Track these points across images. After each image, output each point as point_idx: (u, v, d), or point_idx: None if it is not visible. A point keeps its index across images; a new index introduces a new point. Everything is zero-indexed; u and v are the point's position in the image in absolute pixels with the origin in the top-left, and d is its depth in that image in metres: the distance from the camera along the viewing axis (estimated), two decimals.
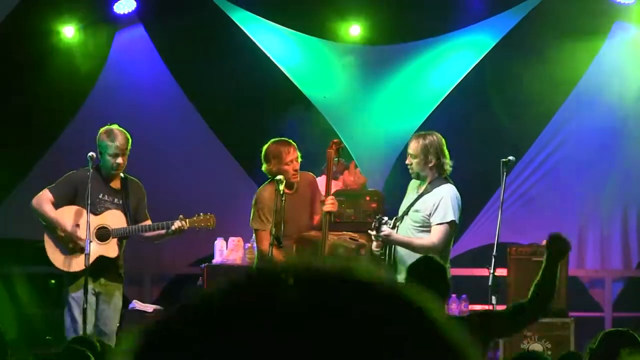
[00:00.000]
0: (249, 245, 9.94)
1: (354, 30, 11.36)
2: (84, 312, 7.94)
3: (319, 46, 11.32)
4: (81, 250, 8.01)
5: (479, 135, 11.17)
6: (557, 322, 9.11)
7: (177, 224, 8.15)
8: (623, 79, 11.10)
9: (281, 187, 8.05)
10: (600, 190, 11.23)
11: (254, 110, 11.29)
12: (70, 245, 8.08)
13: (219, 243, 10.15)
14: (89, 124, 11.40)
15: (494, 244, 7.75)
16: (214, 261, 10.11)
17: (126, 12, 11.35)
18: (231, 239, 10.15)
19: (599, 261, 11.32)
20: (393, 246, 8.03)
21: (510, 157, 7.86)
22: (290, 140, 8.41)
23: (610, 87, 11.12)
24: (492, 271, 7.58)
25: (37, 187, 11.41)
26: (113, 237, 8.12)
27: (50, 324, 10.47)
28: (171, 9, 11.44)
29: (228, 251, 10.14)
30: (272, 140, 8.44)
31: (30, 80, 11.13)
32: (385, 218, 7.97)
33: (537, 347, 9.10)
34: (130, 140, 8.19)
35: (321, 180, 9.33)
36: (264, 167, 8.40)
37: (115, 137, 8.10)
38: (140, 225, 8.19)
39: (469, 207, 10.87)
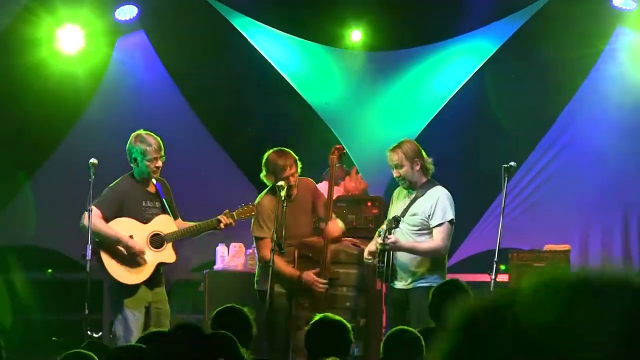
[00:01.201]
0: (251, 251, 9.95)
1: (355, 36, 11.37)
2: (117, 324, 7.98)
3: (320, 52, 11.33)
4: (143, 260, 7.98)
5: (480, 140, 11.18)
6: None
7: (225, 220, 8.13)
8: (624, 84, 11.11)
9: (282, 193, 8.05)
10: (601, 195, 11.23)
11: (254, 117, 11.30)
12: (133, 257, 7.99)
13: (221, 249, 10.15)
14: (90, 131, 11.44)
15: (495, 249, 7.76)
16: (216, 267, 10.12)
17: (128, 19, 11.36)
18: (232, 244, 10.16)
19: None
20: (392, 252, 8.04)
21: (512, 163, 7.87)
22: (291, 152, 8.36)
23: (611, 93, 11.13)
24: (493, 277, 7.59)
25: (39, 193, 11.48)
26: (168, 242, 8.09)
27: (53, 330, 10.48)
28: (173, 16, 11.46)
29: (229, 257, 10.15)
30: (273, 150, 8.38)
31: (31, 86, 11.14)
32: (401, 218, 7.99)
33: None
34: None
35: (323, 186, 9.33)
36: (262, 174, 8.40)
37: (150, 141, 8.05)
38: (191, 226, 8.14)
39: (471, 213, 10.89)
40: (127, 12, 11.33)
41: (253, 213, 8.17)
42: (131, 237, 8.00)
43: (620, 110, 11.11)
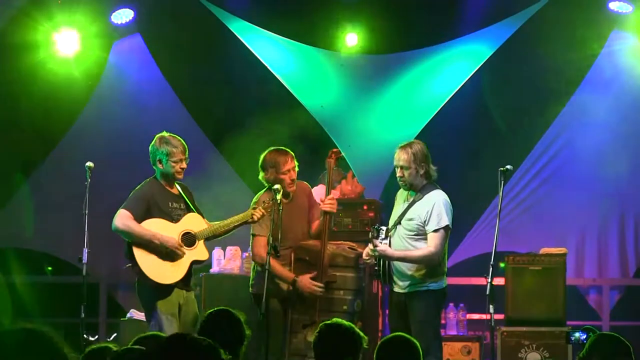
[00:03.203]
0: (247, 254, 9.94)
1: (351, 39, 11.37)
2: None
3: (316, 55, 11.33)
4: (180, 254, 7.95)
5: (477, 143, 11.19)
6: (555, 330, 9.11)
7: (257, 213, 8.10)
8: (620, 87, 11.12)
9: (278, 196, 8.04)
10: (598, 198, 11.24)
11: (251, 120, 11.30)
12: (168, 254, 7.95)
13: (217, 252, 10.15)
14: (86, 134, 11.43)
15: (491, 252, 7.76)
16: (212, 270, 10.12)
17: (124, 22, 11.36)
18: (229, 248, 10.16)
19: (596, 270, 11.33)
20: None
21: (508, 166, 7.86)
22: (288, 150, 8.42)
23: (607, 95, 11.14)
24: (489, 280, 7.59)
25: (35, 196, 11.47)
26: (199, 240, 8.07)
27: (59, 333, 10.46)
28: (169, 19, 11.45)
29: (226, 260, 10.15)
30: (270, 148, 8.45)
31: (28, 89, 11.13)
32: (384, 228, 7.99)
33: (534, 355, 9.10)
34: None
35: (319, 190, 9.34)
36: (260, 176, 8.41)
37: (176, 143, 8.05)
38: (221, 222, 8.13)
39: (467, 216, 10.89)
40: (123, 16, 11.33)
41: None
42: None
43: (616, 113, 11.11)
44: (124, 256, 8.02)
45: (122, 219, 7.92)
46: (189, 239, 8.04)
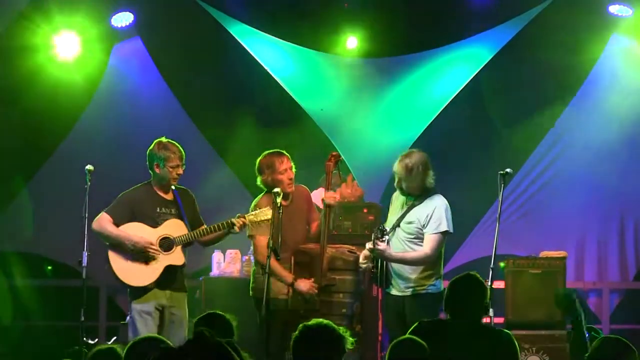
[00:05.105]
0: (247, 257, 9.95)
1: (351, 42, 11.37)
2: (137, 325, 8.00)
3: (316, 59, 11.33)
4: (151, 260, 8.02)
5: (477, 147, 11.19)
6: (555, 334, 9.12)
7: (238, 222, 8.11)
8: (619, 91, 11.12)
9: (278, 199, 8.05)
10: (597, 201, 11.24)
11: (251, 123, 11.31)
12: (141, 256, 8.03)
13: (217, 255, 10.15)
14: (86, 137, 11.43)
15: (491, 256, 7.76)
16: (212, 274, 10.12)
17: (124, 25, 11.36)
18: (229, 251, 10.16)
19: (596, 273, 11.33)
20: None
21: (508, 170, 7.87)
22: (284, 151, 8.46)
23: (606, 99, 11.14)
24: (489, 284, 7.59)
25: (35, 199, 11.47)
26: (177, 245, 8.11)
27: (60, 336, 10.47)
28: (169, 22, 11.46)
29: (225, 264, 10.15)
30: (265, 152, 8.49)
31: (27, 93, 11.13)
32: (387, 228, 8.01)
33: (534, 359, 9.09)
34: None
35: (319, 193, 9.34)
36: (258, 180, 8.42)
37: (173, 149, 8.13)
38: (201, 229, 8.17)
39: (467, 220, 10.88)
40: (123, 19, 11.32)
41: (267, 217, 8.13)
42: (142, 238, 8.04)
43: (616, 116, 11.11)
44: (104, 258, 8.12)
45: (100, 221, 8.09)
46: (166, 243, 8.08)
